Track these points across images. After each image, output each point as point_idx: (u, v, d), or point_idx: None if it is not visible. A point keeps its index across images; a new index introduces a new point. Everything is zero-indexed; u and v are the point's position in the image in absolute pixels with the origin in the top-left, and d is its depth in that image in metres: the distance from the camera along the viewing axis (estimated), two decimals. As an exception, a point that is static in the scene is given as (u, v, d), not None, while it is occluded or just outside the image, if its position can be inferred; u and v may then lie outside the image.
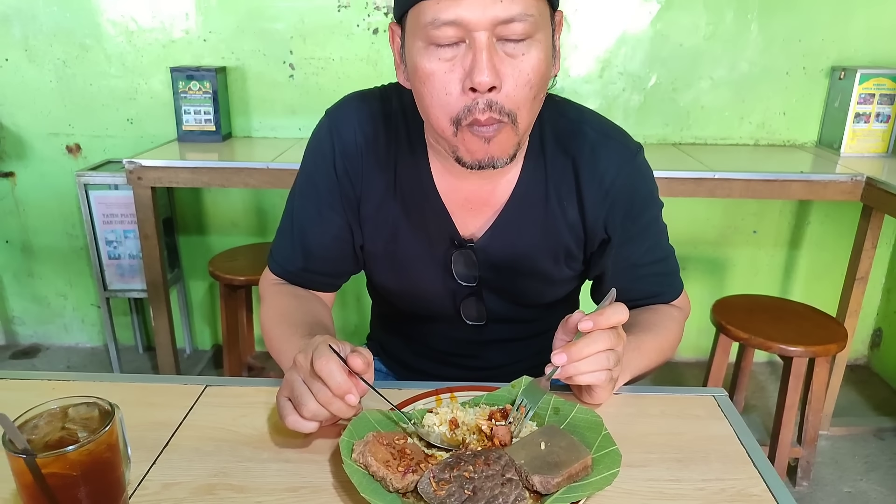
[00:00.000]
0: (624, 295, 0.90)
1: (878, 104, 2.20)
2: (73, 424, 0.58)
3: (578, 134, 0.91)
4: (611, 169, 0.90)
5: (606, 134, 0.93)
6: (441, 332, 1.05)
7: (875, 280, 2.61)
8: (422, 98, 0.79)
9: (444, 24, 0.72)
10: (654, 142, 2.43)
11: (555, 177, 0.91)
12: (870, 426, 2.32)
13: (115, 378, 0.93)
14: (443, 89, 0.76)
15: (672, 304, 1.01)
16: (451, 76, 0.75)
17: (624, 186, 0.91)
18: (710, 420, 0.82)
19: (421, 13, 0.74)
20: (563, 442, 0.69)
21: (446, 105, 0.76)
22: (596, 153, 0.90)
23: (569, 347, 0.73)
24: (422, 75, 0.77)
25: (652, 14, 2.28)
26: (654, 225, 0.97)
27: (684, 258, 2.60)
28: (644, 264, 0.96)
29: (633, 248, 0.95)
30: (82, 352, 2.80)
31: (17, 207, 2.58)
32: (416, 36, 0.76)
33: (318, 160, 0.95)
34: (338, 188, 0.94)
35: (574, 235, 0.94)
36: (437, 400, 0.81)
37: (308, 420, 0.71)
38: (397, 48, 0.84)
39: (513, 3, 0.72)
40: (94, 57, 2.37)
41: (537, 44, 0.75)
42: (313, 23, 2.31)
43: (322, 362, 0.68)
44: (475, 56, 0.73)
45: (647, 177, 0.95)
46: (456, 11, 0.71)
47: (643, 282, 0.97)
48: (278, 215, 1.01)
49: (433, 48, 0.75)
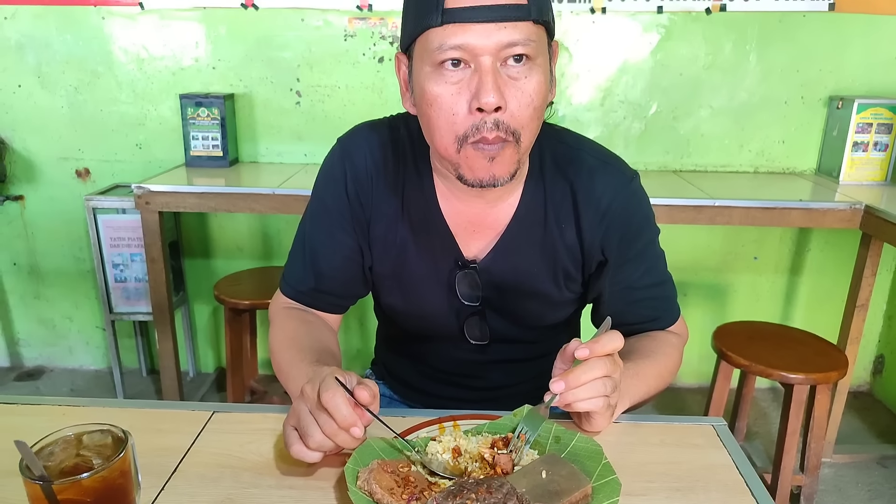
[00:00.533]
0: (621, 319, 0.93)
1: (876, 133, 2.23)
2: (87, 451, 0.60)
3: (576, 160, 0.95)
4: (607, 193, 0.93)
5: (604, 160, 0.97)
6: (445, 351, 1.07)
7: (877, 307, 2.62)
8: (428, 119, 0.83)
9: (450, 48, 0.77)
10: (654, 169, 2.46)
11: (554, 200, 0.95)
12: (873, 454, 2.32)
13: (123, 404, 0.95)
14: (450, 110, 0.80)
15: (670, 331, 1.02)
16: (457, 98, 0.79)
17: (620, 210, 0.94)
18: (709, 449, 0.83)
19: (428, 40, 0.79)
20: (564, 471, 0.70)
21: (453, 125, 0.80)
22: (593, 178, 0.94)
23: (566, 375, 0.75)
24: (429, 98, 0.81)
25: (652, 44, 2.33)
26: (650, 249, 0.99)
27: (685, 284, 2.61)
28: (640, 287, 0.99)
29: (630, 271, 0.97)
30: (86, 374, 2.81)
31: (25, 230, 2.62)
32: (424, 62, 0.81)
33: (330, 184, 0.99)
34: (349, 211, 0.98)
35: (572, 257, 0.97)
36: (440, 428, 0.83)
37: (313, 450, 0.72)
38: (404, 77, 0.88)
39: (515, 29, 0.77)
40: (106, 84, 2.42)
41: (537, 68, 0.80)
42: (320, 51, 2.36)
43: (329, 395, 0.70)
44: (481, 79, 0.78)
45: (642, 202, 0.98)
46: (462, 37, 0.77)
47: (640, 306, 1.00)
48: (283, 240, 1.04)
49: (440, 72, 0.79)
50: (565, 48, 2.34)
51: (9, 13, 2.34)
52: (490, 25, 0.76)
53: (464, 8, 0.76)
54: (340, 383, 0.72)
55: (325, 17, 2.33)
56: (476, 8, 0.76)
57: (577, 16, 2.30)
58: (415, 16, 0.81)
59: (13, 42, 2.38)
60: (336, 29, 2.34)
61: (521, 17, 0.77)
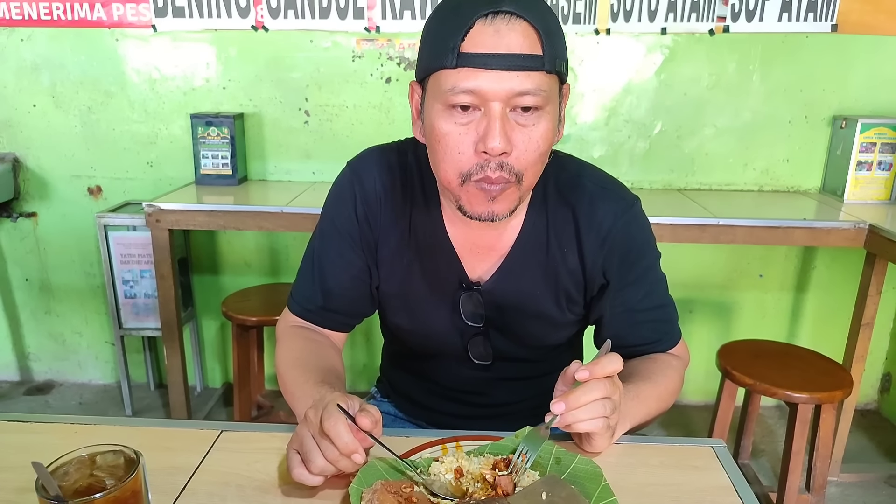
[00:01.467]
0: (622, 341, 0.95)
1: (880, 153, 2.24)
2: (100, 472, 0.62)
3: (578, 186, 0.98)
4: (608, 218, 0.96)
5: (604, 186, 0.99)
6: (450, 369, 1.09)
7: (883, 325, 2.62)
8: (435, 153, 0.86)
9: (462, 91, 0.79)
10: (659, 187, 2.48)
11: (556, 225, 0.97)
12: (881, 473, 2.30)
13: (134, 422, 0.97)
14: (456, 149, 0.82)
15: (671, 353, 1.04)
16: (465, 138, 0.81)
17: (620, 234, 0.96)
18: (709, 471, 0.84)
19: (442, 79, 0.81)
20: (564, 492, 0.71)
21: (458, 163, 0.83)
22: (594, 204, 0.96)
23: (566, 396, 0.77)
24: (438, 134, 0.83)
25: (656, 65, 2.35)
26: (651, 272, 1.01)
27: (691, 301, 2.62)
28: (641, 310, 1.00)
29: (631, 294, 0.99)
30: (95, 388, 2.84)
31: (37, 246, 2.66)
32: (436, 99, 0.83)
33: (339, 205, 1.02)
34: (358, 231, 1.00)
35: (574, 280, 0.99)
36: (443, 449, 0.84)
37: (315, 475, 0.74)
38: (416, 105, 0.90)
39: (528, 78, 0.78)
40: (118, 103, 2.46)
41: (546, 115, 0.82)
42: (328, 72, 2.40)
43: (331, 423, 0.72)
44: (489, 123, 0.80)
45: (643, 227, 1.00)
46: (475, 82, 0.78)
47: (641, 328, 1.01)
48: (291, 256, 1.08)
49: (451, 113, 0.82)
50: (570, 69, 2.37)
51: (25, 35, 2.40)
52: (503, 73, 0.78)
53: (478, 54, 0.78)
54: (343, 409, 0.74)
55: (333, 38, 2.37)
56: (491, 55, 0.77)
57: (582, 37, 2.34)
58: (431, 52, 0.83)
59: (29, 63, 2.43)
60: (344, 50, 2.38)
61: (535, 67, 0.78)
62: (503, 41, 0.77)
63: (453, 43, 0.78)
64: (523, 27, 0.78)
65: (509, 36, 0.77)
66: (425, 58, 0.84)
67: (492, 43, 0.77)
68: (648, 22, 2.30)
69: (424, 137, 0.89)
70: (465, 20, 0.78)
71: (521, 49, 0.78)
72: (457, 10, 0.80)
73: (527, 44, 0.78)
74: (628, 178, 2.48)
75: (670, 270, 1.06)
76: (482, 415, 1.11)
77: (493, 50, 0.77)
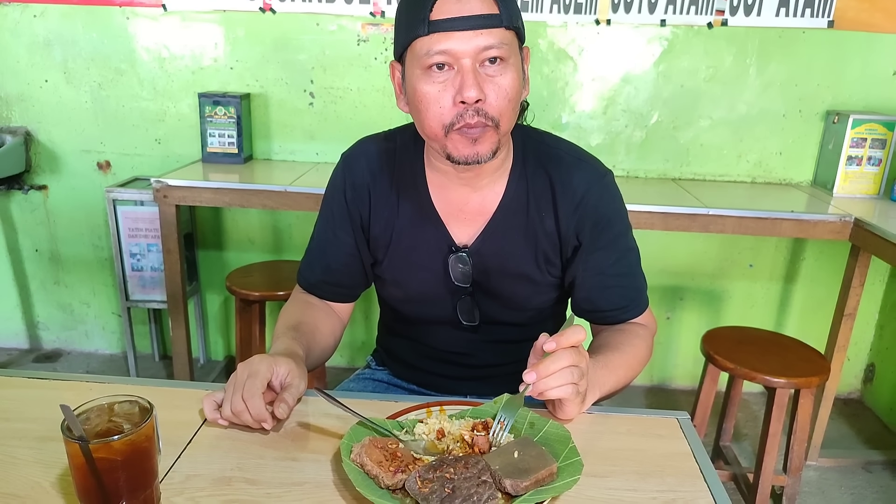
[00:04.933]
0: (594, 305, 1.09)
1: (870, 148, 2.30)
2: (118, 418, 0.69)
3: (555, 157, 1.09)
4: (582, 185, 1.06)
5: (580, 157, 1.10)
6: (441, 333, 1.19)
7: (868, 316, 2.69)
8: (419, 113, 0.97)
9: (436, 53, 0.91)
10: (654, 177, 2.54)
11: (535, 191, 1.07)
12: (859, 458, 2.38)
13: (144, 382, 1.05)
14: (437, 103, 0.94)
15: (638, 322, 1.13)
16: (444, 94, 0.93)
17: (593, 201, 1.07)
18: (671, 439, 0.92)
19: (418, 47, 0.93)
20: (534, 452, 0.79)
21: (440, 116, 0.94)
22: (570, 172, 1.07)
23: (537, 366, 0.85)
24: (420, 95, 0.95)
25: (655, 56, 2.40)
26: (621, 240, 1.10)
27: (682, 289, 2.69)
28: (611, 275, 1.10)
29: (602, 258, 1.08)
30: (101, 358, 2.93)
31: (47, 218, 2.73)
32: (415, 66, 0.94)
33: (333, 192, 1.15)
34: (348, 215, 1.13)
35: (551, 242, 1.09)
36: (427, 412, 0.92)
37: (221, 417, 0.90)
38: (398, 81, 1.02)
39: (490, 35, 0.91)
40: (128, 81, 2.52)
41: (511, 67, 0.94)
42: (334, 55, 2.46)
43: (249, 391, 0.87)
44: (463, 78, 0.91)
45: (614, 196, 1.10)
46: (446, 44, 0.91)
47: (610, 292, 1.10)
48: (294, 234, 1.18)
49: (429, 74, 0.93)
50: (570, 57, 2.42)
51: (38, 11, 2.45)
52: (468, 33, 0.90)
53: (445, 19, 0.90)
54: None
55: (339, 22, 2.42)
56: (456, 19, 0.90)
57: (583, 27, 2.38)
58: (405, 28, 0.94)
59: (41, 39, 2.49)
60: (349, 34, 2.43)
61: (494, 24, 0.91)
62: (465, 6, 0.90)
63: (423, 14, 0.90)
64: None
65: (470, 2, 0.90)
66: (401, 34, 0.96)
67: (456, 9, 0.90)
68: (648, 14, 2.35)
69: (409, 105, 1.00)
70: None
71: (481, 11, 0.90)
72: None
73: (485, 5, 0.91)
74: (624, 167, 2.54)
75: (663, 258, 1.14)
76: (470, 376, 1.20)
77: (458, 14, 0.90)
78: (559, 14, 2.37)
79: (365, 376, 1.30)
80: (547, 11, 2.37)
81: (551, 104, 2.47)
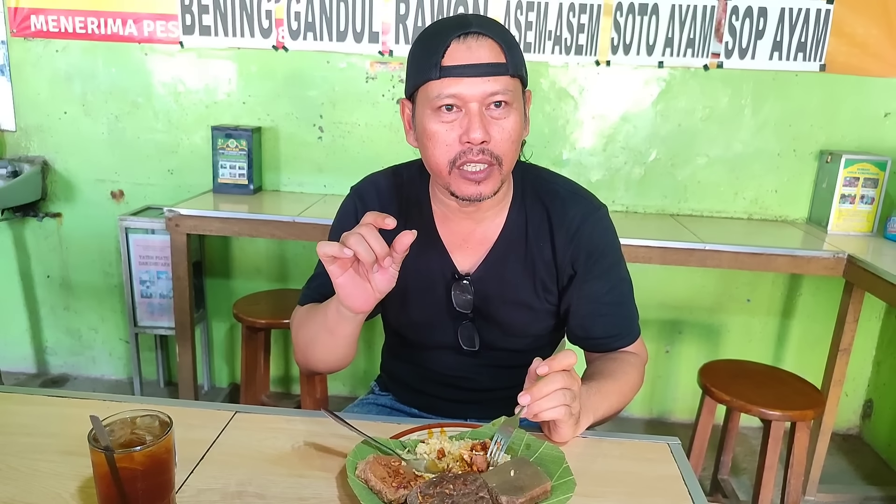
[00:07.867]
0: (587, 332, 1.14)
1: (863, 187, 2.36)
2: (140, 431, 0.74)
3: (552, 191, 1.16)
4: (577, 218, 1.13)
5: (575, 192, 1.17)
6: (442, 357, 1.23)
7: (866, 352, 2.72)
8: (427, 149, 1.04)
9: (446, 97, 0.98)
10: (653, 212, 2.60)
11: (533, 223, 1.14)
12: (857, 494, 2.39)
13: (159, 402, 1.09)
14: (444, 142, 1.01)
15: (630, 351, 1.18)
16: (451, 133, 1.00)
17: (587, 233, 1.13)
18: (662, 463, 0.96)
19: (429, 90, 1.00)
20: (529, 471, 0.83)
21: (446, 153, 1.01)
22: (566, 205, 1.14)
23: (530, 389, 0.89)
24: (429, 133, 1.02)
25: (653, 96, 2.49)
26: (614, 270, 1.16)
27: (681, 322, 2.73)
28: (605, 304, 1.15)
29: (595, 287, 1.14)
30: (107, 383, 2.96)
31: (60, 245, 2.80)
32: (426, 105, 1.01)
33: (343, 221, 1.20)
34: None
35: (548, 271, 1.15)
36: (429, 433, 0.96)
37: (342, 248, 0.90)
38: (407, 118, 1.09)
39: (496, 81, 0.98)
40: (144, 113, 2.62)
41: (514, 110, 1.02)
42: (343, 91, 2.55)
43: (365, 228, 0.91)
44: (470, 120, 0.99)
45: (608, 229, 1.17)
46: (456, 88, 0.98)
47: (603, 320, 1.15)
48: (300, 264, 1.22)
49: (438, 114, 1.00)
50: (571, 96, 2.51)
51: (60, 46, 2.56)
52: (477, 80, 0.97)
53: (456, 66, 0.97)
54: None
55: (348, 59, 2.52)
56: (466, 66, 0.97)
57: (583, 67, 2.47)
58: (418, 70, 1.01)
59: (62, 72, 2.59)
60: (358, 71, 2.53)
61: (501, 72, 0.98)
62: (474, 54, 0.97)
63: (435, 60, 0.98)
64: (489, 43, 0.98)
65: (479, 50, 0.97)
66: (413, 75, 1.03)
67: (465, 56, 0.97)
68: (647, 55, 2.44)
69: (417, 141, 1.06)
70: (443, 41, 0.98)
71: (489, 59, 0.98)
72: (435, 35, 1.00)
73: (493, 55, 0.98)
74: (623, 203, 2.61)
75: (662, 291, 1.20)
76: (470, 399, 1.24)
77: (468, 62, 0.97)
78: (561, 55, 2.46)
79: (369, 401, 1.34)
80: (549, 52, 2.46)
81: (553, 141, 2.55)
